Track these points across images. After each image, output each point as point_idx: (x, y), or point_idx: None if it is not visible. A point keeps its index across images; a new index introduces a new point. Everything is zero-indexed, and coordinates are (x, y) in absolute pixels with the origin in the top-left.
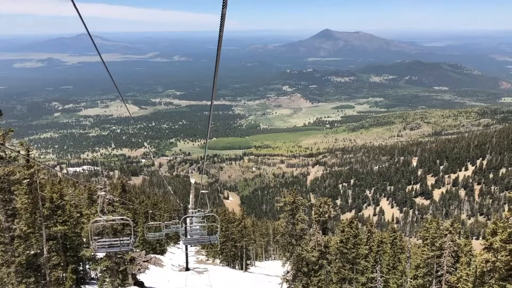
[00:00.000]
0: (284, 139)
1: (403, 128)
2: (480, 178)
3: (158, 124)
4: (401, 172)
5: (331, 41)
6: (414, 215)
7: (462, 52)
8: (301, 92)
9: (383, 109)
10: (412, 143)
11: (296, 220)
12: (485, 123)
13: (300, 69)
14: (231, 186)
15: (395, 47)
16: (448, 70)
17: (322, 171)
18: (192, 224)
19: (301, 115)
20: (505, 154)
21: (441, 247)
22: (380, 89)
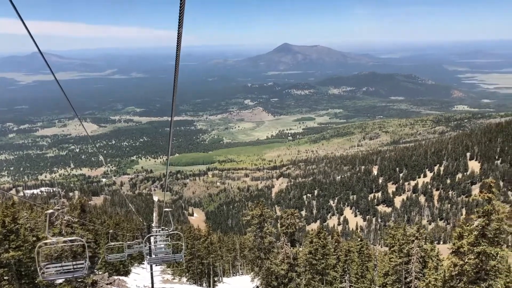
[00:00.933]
0: (248, 153)
1: (362, 138)
2: (438, 184)
3: (119, 142)
4: (363, 181)
5: (290, 55)
6: (377, 222)
7: (416, 63)
8: (263, 106)
9: (342, 120)
10: (372, 152)
11: (264, 233)
12: (440, 130)
13: (261, 82)
14: (195, 202)
15: (352, 60)
16: (403, 81)
17: (287, 183)
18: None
19: (263, 128)
20: (460, 160)
21: (408, 253)
22: (339, 101)
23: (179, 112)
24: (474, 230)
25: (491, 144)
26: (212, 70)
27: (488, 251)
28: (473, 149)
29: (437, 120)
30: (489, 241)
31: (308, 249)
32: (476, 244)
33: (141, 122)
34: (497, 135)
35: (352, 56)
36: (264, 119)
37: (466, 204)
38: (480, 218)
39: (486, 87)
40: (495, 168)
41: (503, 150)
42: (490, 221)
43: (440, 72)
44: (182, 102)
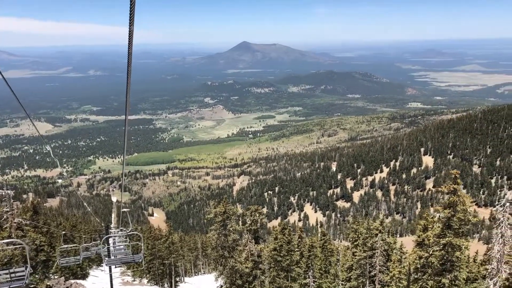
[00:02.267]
0: (209, 151)
1: (321, 135)
2: (394, 179)
3: (75, 142)
4: (322, 177)
5: (250, 53)
6: (337, 218)
7: (371, 62)
8: (223, 104)
9: (302, 117)
10: (330, 149)
11: (228, 231)
12: (395, 127)
13: (221, 81)
14: (155, 202)
15: (310, 58)
16: (360, 79)
17: (248, 180)
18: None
19: (224, 126)
20: (415, 155)
21: (372, 247)
22: (298, 99)
23: (137, 110)
24: (440, 221)
25: (443, 139)
26: (171, 68)
27: (454, 243)
28: (427, 145)
29: (392, 117)
30: (454, 232)
31: (272, 245)
32: (442, 236)
33: (98, 121)
34: (449, 131)
35: (310, 54)
36: (224, 117)
37: (421, 198)
38: (445, 209)
39: (438, 85)
40: (448, 162)
41: (455, 145)
42: (455, 212)
43: (394, 70)
44: (140, 101)
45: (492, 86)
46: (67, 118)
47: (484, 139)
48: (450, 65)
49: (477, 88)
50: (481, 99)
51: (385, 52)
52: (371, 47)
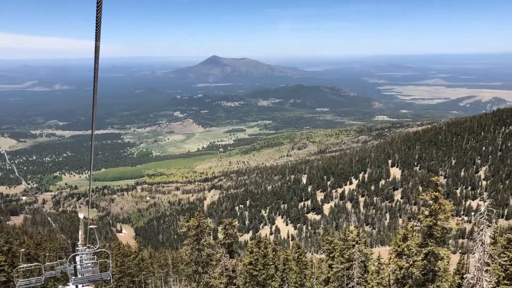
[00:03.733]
0: (179, 165)
1: (291, 148)
2: (363, 191)
3: (40, 158)
4: (293, 189)
5: (219, 67)
6: (308, 230)
7: (339, 76)
8: (193, 118)
9: (272, 131)
10: (300, 162)
11: (201, 245)
12: (363, 139)
13: (191, 94)
14: (124, 218)
15: (279, 73)
16: (328, 93)
17: (219, 194)
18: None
19: (194, 140)
20: (382, 167)
21: (350, 259)
22: (268, 112)
23: (105, 125)
24: (421, 230)
25: (410, 151)
26: (139, 81)
27: (436, 251)
28: (394, 157)
29: (360, 130)
30: (436, 241)
31: (248, 259)
32: (424, 245)
33: (65, 136)
34: (415, 143)
35: (279, 69)
36: (194, 131)
37: (390, 209)
38: (427, 217)
39: (403, 98)
40: (415, 174)
41: (421, 156)
42: (437, 220)
43: (361, 84)
44: (108, 115)
45: (454, 99)
46: (32, 133)
47: (448, 150)
48: (414, 79)
49: (441, 101)
50: (444, 112)
51: (351, 66)
52: (338, 62)
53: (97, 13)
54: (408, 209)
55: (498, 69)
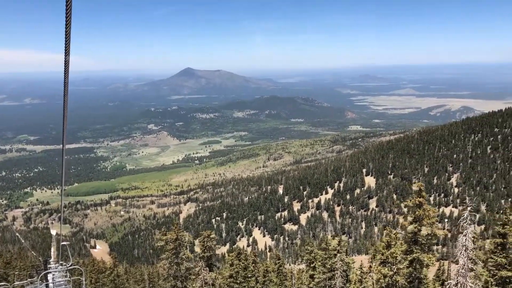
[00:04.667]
0: (153, 179)
1: (267, 159)
2: (339, 200)
3: (10, 173)
4: (270, 200)
5: (194, 79)
6: (285, 241)
7: (312, 87)
8: (168, 130)
9: (248, 142)
10: (277, 172)
11: (180, 259)
12: (337, 149)
13: (165, 107)
14: (98, 234)
15: (253, 84)
16: (302, 104)
17: (195, 207)
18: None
19: (169, 153)
20: (357, 176)
21: (332, 268)
22: (243, 124)
23: (78, 139)
24: (406, 237)
25: (383, 160)
26: (112, 94)
27: (421, 258)
28: (368, 166)
29: (334, 140)
30: (421, 248)
31: (228, 272)
32: (409, 252)
33: (36, 151)
34: (388, 152)
35: (254, 80)
36: (169, 143)
37: (365, 218)
38: (412, 224)
39: (376, 108)
40: (389, 182)
41: (395, 165)
42: (422, 226)
43: (334, 95)
44: (80, 129)
45: (425, 108)
46: (1, 148)
47: (421, 158)
48: (386, 90)
49: (412, 111)
50: (416, 121)
51: (324, 78)
52: (311, 73)
53: (66, 28)
54: (383, 217)
55: (466, 79)
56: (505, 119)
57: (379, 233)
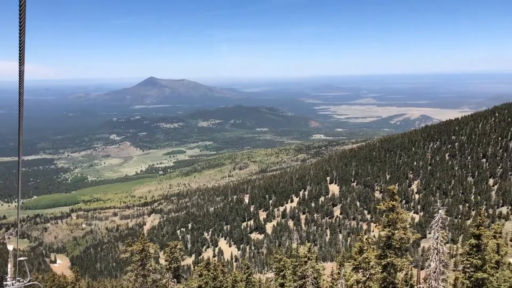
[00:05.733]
0: (116, 190)
1: (233, 169)
2: (304, 208)
3: None
4: (236, 210)
5: (157, 88)
6: (251, 250)
7: (277, 97)
8: (131, 140)
9: (213, 152)
10: (242, 182)
11: (147, 271)
12: (302, 158)
13: (128, 117)
14: (58, 248)
15: (218, 93)
16: (267, 113)
17: (159, 219)
18: None
19: (132, 163)
20: (321, 184)
21: (303, 276)
22: (208, 133)
23: (37, 150)
24: (380, 241)
25: (347, 168)
26: (73, 104)
27: (396, 263)
28: (332, 174)
29: (298, 149)
30: (395, 252)
31: (197, 283)
32: (383, 256)
33: None
34: (351, 160)
35: (218, 90)
36: (132, 154)
37: (330, 225)
38: (385, 228)
39: (338, 117)
40: (352, 189)
41: (357, 173)
42: (395, 230)
43: (298, 104)
44: (40, 140)
45: (385, 117)
46: None
47: (383, 166)
48: (347, 99)
49: (373, 120)
50: (377, 130)
51: (287, 87)
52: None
53: (20, 37)
54: (348, 224)
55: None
56: (462, 127)
57: (343, 240)
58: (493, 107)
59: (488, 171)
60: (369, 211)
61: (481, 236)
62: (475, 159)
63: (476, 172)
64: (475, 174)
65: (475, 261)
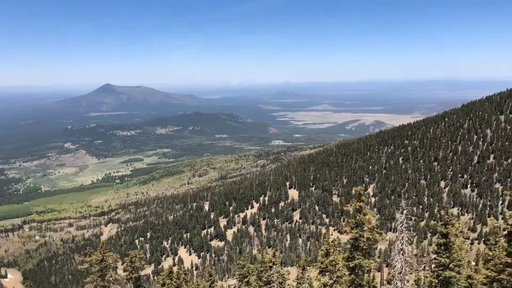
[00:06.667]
0: (71, 200)
1: (192, 176)
2: (264, 214)
3: None
4: (196, 218)
5: (114, 95)
6: (212, 258)
7: (235, 103)
8: (86, 149)
9: (171, 159)
10: (202, 189)
11: (107, 282)
12: (261, 163)
13: (83, 124)
14: (9, 262)
15: (176, 100)
16: (226, 120)
17: (117, 228)
18: None
19: (88, 172)
20: (281, 189)
21: (268, 281)
22: (167, 141)
23: None
24: (348, 243)
25: (305, 173)
26: (25, 112)
27: (363, 264)
28: (291, 179)
29: (258, 155)
30: (362, 254)
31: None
32: (351, 258)
33: None
34: (310, 165)
35: (176, 96)
36: (88, 162)
37: (290, 230)
38: (353, 229)
39: (296, 123)
40: (311, 194)
41: (316, 177)
42: (363, 231)
43: (257, 111)
44: None
45: (341, 123)
46: None
47: (340, 170)
48: (305, 106)
49: (330, 125)
50: (333, 135)
51: (246, 94)
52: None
53: None
54: (307, 228)
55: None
56: (414, 132)
57: (303, 245)
58: (442, 112)
59: (440, 173)
60: (328, 215)
61: (448, 235)
62: (427, 163)
63: (428, 175)
64: (427, 177)
65: (443, 260)
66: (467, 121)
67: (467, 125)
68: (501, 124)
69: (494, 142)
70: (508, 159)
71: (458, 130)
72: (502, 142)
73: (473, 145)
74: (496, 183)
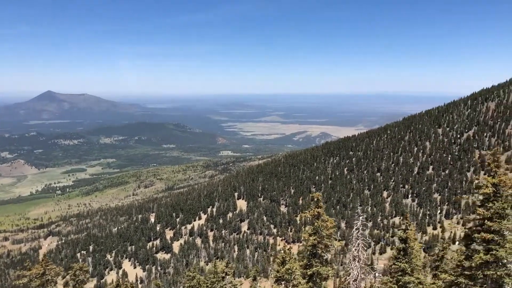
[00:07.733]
0: (8, 212)
1: (137, 187)
2: (212, 225)
3: None
4: (141, 230)
5: (55, 103)
6: (157, 271)
7: (184, 113)
8: (25, 158)
9: (116, 169)
10: (148, 200)
11: None
12: (210, 174)
13: (22, 133)
14: None
15: (122, 109)
16: (173, 129)
17: (57, 241)
18: None
19: (26, 183)
20: (229, 200)
21: None
22: (111, 150)
23: None
24: (305, 250)
25: (254, 183)
26: None
27: (321, 272)
28: (240, 189)
29: (206, 165)
30: (320, 261)
31: None
32: (309, 266)
33: None
34: (258, 175)
35: (122, 105)
36: (26, 172)
37: (238, 241)
38: (311, 236)
39: (245, 134)
40: (259, 204)
41: (264, 188)
42: (321, 238)
43: (206, 121)
44: None
45: (289, 134)
46: None
47: (287, 181)
48: (253, 117)
49: (278, 137)
50: (281, 146)
51: (194, 104)
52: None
53: None
54: (255, 239)
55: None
56: (358, 143)
57: (251, 255)
58: (385, 125)
59: (382, 184)
60: (275, 225)
61: (408, 240)
62: (370, 173)
63: (372, 185)
64: (371, 187)
65: (402, 265)
66: (407, 133)
67: (407, 137)
68: (439, 137)
69: (432, 154)
70: (446, 170)
71: (400, 142)
72: (440, 154)
73: (413, 156)
74: (434, 193)
